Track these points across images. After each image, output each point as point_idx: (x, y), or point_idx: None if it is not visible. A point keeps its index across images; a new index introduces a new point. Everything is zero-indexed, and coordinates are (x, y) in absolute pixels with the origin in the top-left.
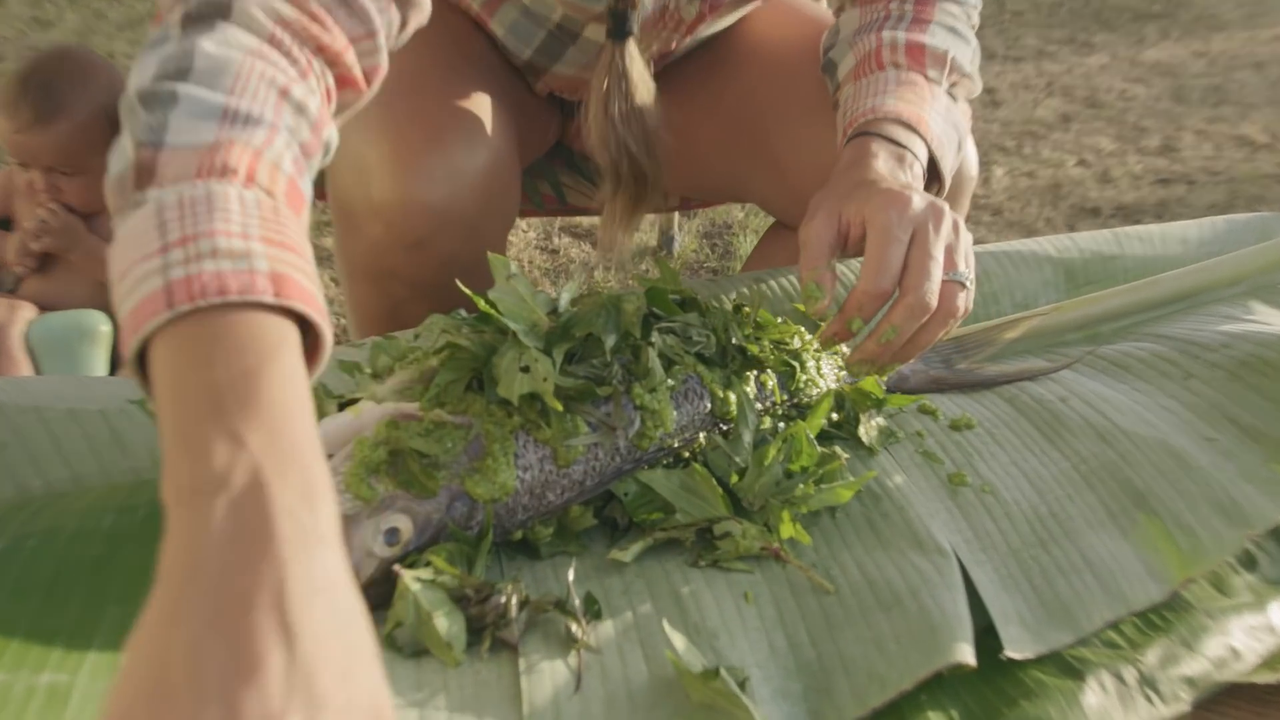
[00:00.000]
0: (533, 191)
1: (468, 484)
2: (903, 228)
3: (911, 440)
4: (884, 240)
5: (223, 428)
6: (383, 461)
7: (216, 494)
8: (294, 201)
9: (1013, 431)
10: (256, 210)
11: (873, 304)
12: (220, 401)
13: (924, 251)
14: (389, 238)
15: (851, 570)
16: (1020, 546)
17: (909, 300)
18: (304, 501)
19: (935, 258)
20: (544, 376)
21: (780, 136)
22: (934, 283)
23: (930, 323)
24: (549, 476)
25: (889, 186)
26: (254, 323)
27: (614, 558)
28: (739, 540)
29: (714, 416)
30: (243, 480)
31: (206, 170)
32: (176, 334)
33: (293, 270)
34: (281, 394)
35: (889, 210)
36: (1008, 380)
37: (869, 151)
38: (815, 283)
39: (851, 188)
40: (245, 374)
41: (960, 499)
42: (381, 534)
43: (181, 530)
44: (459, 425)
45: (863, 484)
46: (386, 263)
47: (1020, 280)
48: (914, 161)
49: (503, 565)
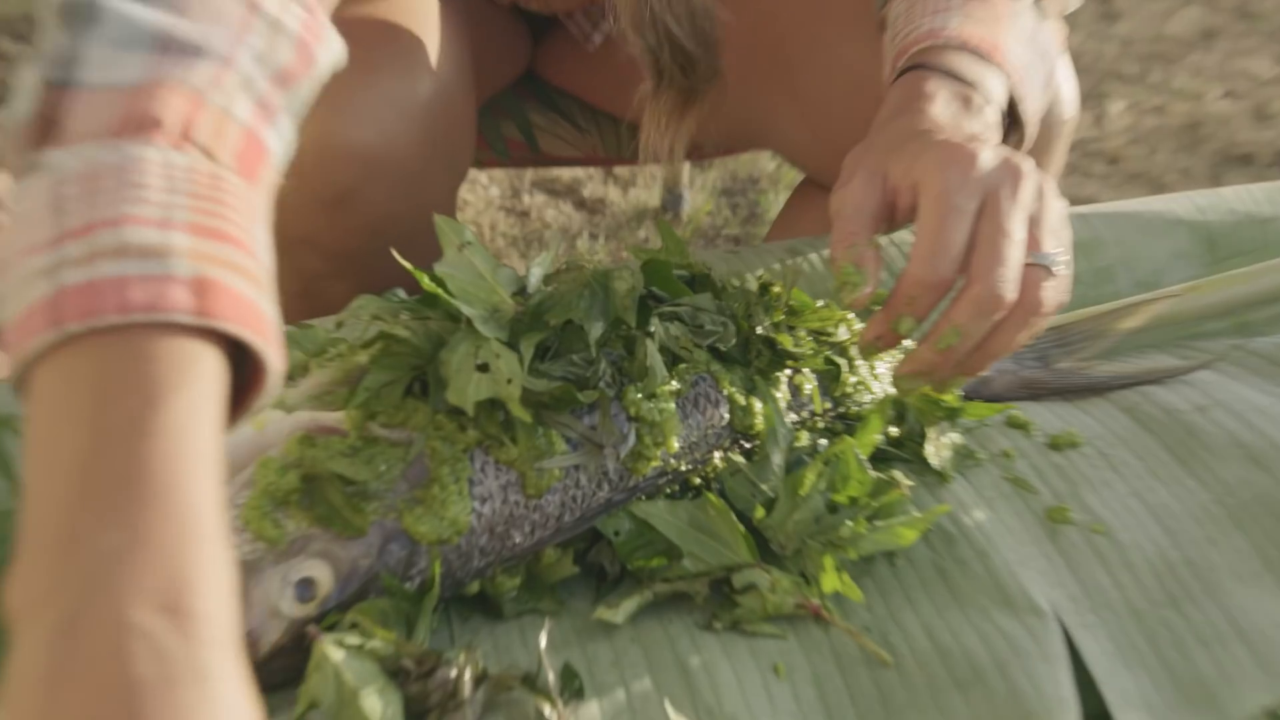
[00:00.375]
0: (494, 136)
1: (406, 520)
2: (967, 194)
3: (997, 463)
4: (941, 210)
5: (87, 511)
6: (294, 490)
7: (63, 610)
8: (249, 163)
9: (1133, 452)
10: (187, 184)
11: (927, 296)
12: (90, 469)
13: (996, 226)
14: (301, 193)
15: (917, 636)
16: (1145, 606)
17: (976, 291)
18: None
19: (1011, 234)
20: (508, 377)
21: (808, 66)
22: (1010, 267)
23: (1006, 322)
24: (515, 510)
25: (948, 139)
26: (157, 351)
27: (601, 618)
28: (767, 595)
29: (733, 430)
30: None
31: (125, 124)
32: (60, 361)
33: (226, 273)
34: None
35: (948, 170)
36: (1127, 384)
37: (923, 92)
38: (852, 265)
39: (900, 139)
40: (127, 427)
41: (1063, 541)
42: (291, 586)
43: (23, 654)
44: (395, 442)
45: (931, 521)
46: (298, 226)
47: (1144, 250)
48: (984, 104)
49: (453, 627)
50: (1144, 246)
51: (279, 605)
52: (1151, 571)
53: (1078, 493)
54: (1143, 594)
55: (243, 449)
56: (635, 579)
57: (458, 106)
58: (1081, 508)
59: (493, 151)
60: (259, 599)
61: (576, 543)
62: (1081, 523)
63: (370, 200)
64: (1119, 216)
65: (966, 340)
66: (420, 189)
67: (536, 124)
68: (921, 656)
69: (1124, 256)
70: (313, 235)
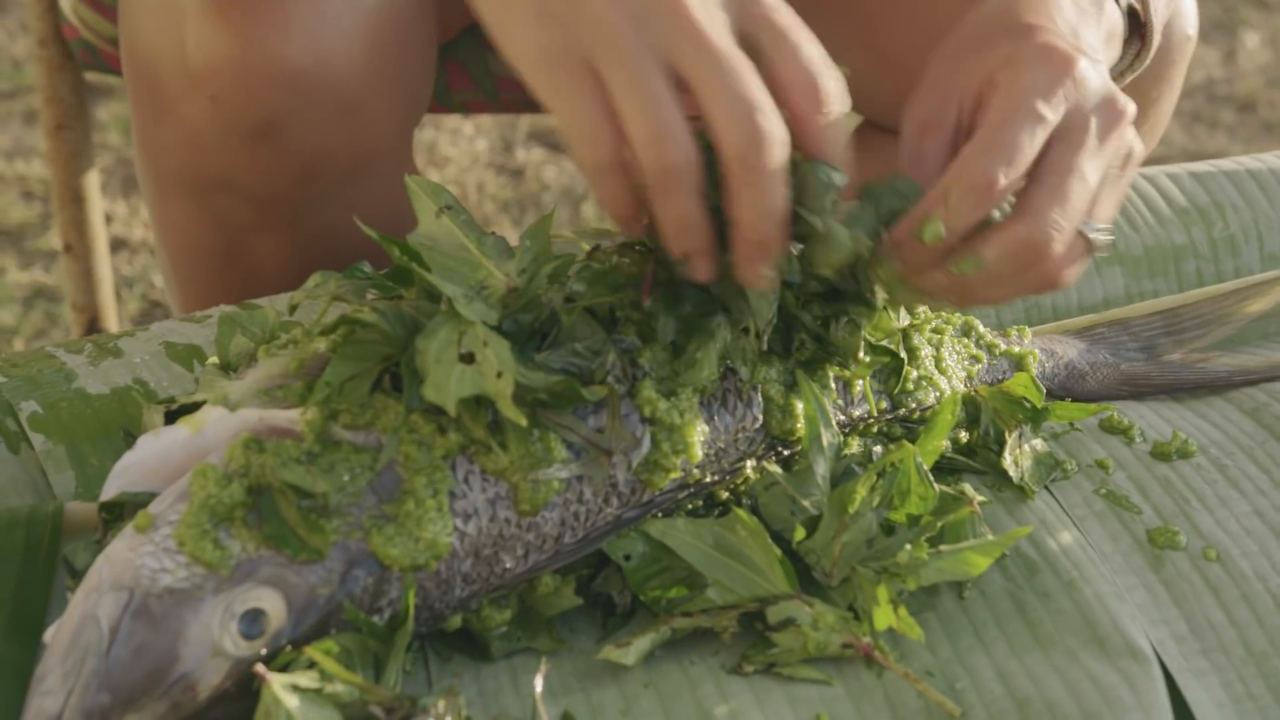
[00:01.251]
0: (480, 71)
1: (374, 540)
2: (1053, 101)
3: (1089, 475)
4: (1014, 105)
5: None
6: (239, 505)
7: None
8: None
9: (1256, 463)
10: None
11: (967, 201)
12: None
13: (1071, 158)
14: (217, 122)
15: (989, 683)
16: (1268, 649)
17: (1021, 230)
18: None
19: (1085, 176)
20: (498, 370)
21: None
22: (1069, 215)
23: (1031, 271)
24: (505, 529)
25: (1050, 41)
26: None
27: (608, 658)
28: (808, 632)
29: (769, 435)
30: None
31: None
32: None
33: None
34: None
35: (1036, 68)
36: (1250, 380)
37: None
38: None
39: (991, 33)
40: None
41: (1168, 570)
42: (236, 620)
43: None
44: (361, 447)
45: (1008, 545)
46: (214, 164)
47: (1278, 217)
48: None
49: (430, 669)
50: (1276, 213)
51: (221, 642)
52: (1276, 606)
53: (1188, 512)
54: (1264, 634)
55: (176, 455)
56: (649, 612)
57: (412, 20)
58: (1192, 529)
59: (480, 91)
60: (197, 635)
61: (579, 569)
62: (1192, 547)
63: (300, 132)
64: (1246, 176)
65: (985, 276)
66: (363, 122)
67: None
68: (995, 708)
69: (1252, 225)
70: (232, 174)
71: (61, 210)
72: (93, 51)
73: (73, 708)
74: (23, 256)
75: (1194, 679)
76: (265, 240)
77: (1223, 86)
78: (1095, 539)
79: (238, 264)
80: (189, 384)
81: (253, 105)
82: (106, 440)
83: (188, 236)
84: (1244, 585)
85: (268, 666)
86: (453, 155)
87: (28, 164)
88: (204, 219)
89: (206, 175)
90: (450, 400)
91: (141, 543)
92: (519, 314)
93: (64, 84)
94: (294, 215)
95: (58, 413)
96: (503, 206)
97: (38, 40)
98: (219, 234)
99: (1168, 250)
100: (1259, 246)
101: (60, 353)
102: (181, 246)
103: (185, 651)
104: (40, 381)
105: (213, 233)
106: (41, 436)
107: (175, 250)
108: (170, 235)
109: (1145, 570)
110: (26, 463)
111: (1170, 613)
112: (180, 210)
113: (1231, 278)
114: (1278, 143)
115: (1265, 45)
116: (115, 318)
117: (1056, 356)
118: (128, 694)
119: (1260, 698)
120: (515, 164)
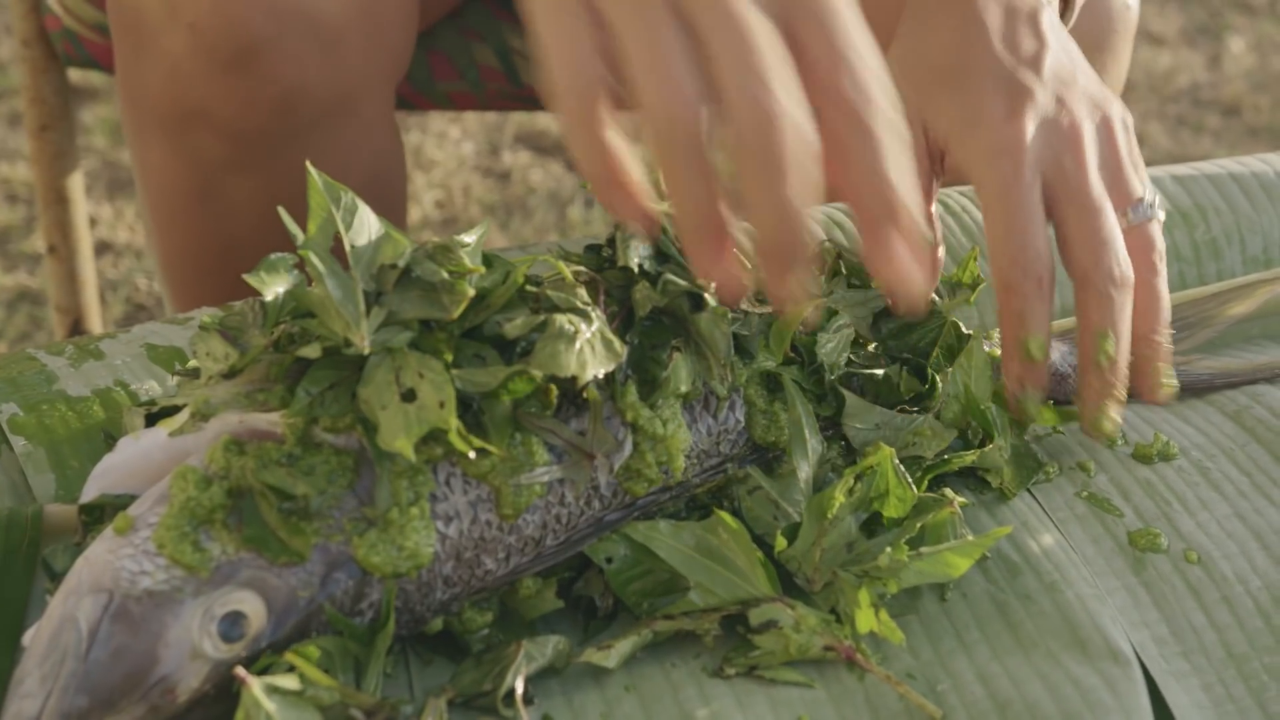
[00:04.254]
0: (465, 61)
1: (356, 545)
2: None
3: (1071, 477)
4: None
5: None
6: (219, 507)
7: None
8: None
9: (1238, 466)
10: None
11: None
12: None
13: (1079, 202)
14: (196, 51)
15: (970, 685)
16: (1248, 651)
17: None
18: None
19: (1098, 204)
20: (440, 400)
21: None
22: (1115, 244)
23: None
24: (486, 532)
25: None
26: None
27: (590, 660)
28: (790, 635)
29: (749, 438)
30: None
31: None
32: None
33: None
34: None
35: (998, 163)
36: (1232, 383)
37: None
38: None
39: (931, 81)
40: None
41: (1150, 573)
42: (215, 622)
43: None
44: (343, 450)
45: (989, 546)
46: (191, 96)
47: (1258, 221)
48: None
49: (411, 673)
50: (1258, 216)
51: (201, 645)
52: (1257, 609)
53: (1169, 515)
54: (1244, 636)
55: (156, 457)
56: (631, 615)
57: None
58: (1173, 532)
59: (464, 81)
60: (176, 638)
61: (561, 571)
62: (1173, 550)
63: (278, 63)
64: (1228, 179)
65: (1122, 345)
66: (342, 59)
67: (517, 50)
68: (976, 709)
69: (1235, 229)
70: (208, 106)
71: (45, 212)
72: (76, 42)
73: (51, 710)
74: (6, 259)
75: (1175, 681)
76: (241, 181)
77: (1208, 91)
78: (1077, 541)
79: (213, 205)
80: (171, 386)
81: (231, 33)
82: (87, 442)
83: (164, 176)
84: (1225, 588)
85: (248, 669)
86: (439, 158)
87: (11, 166)
88: (180, 157)
89: (184, 108)
90: (408, 447)
91: (121, 545)
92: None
93: (48, 85)
94: (270, 153)
95: (38, 415)
96: (489, 209)
97: (21, 41)
98: (195, 173)
99: None
100: (1241, 249)
101: (41, 355)
102: (159, 188)
103: (164, 654)
104: (20, 383)
105: (189, 172)
106: (21, 439)
107: (154, 195)
108: (149, 178)
109: (1126, 573)
110: (6, 465)
111: (1151, 615)
112: (158, 151)
113: (1214, 280)
114: (1263, 147)
115: (1250, 50)
116: (99, 321)
117: None
118: (106, 696)
119: (1241, 700)
120: (502, 167)
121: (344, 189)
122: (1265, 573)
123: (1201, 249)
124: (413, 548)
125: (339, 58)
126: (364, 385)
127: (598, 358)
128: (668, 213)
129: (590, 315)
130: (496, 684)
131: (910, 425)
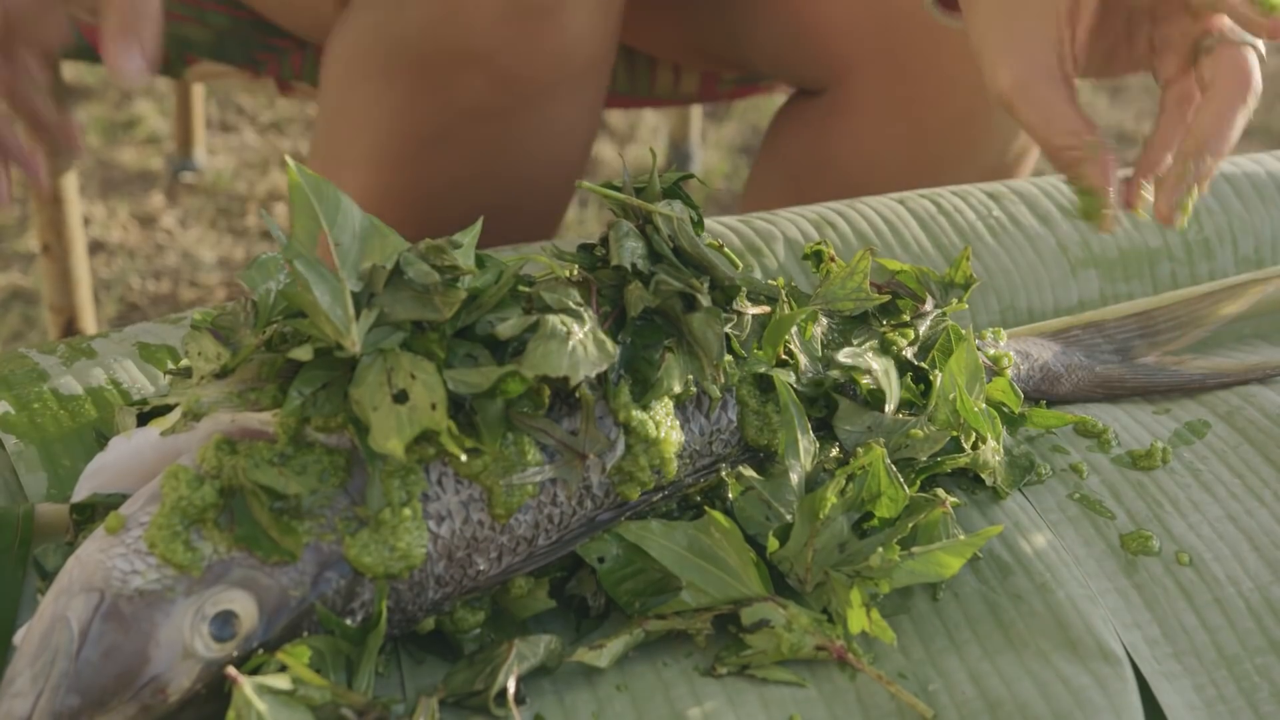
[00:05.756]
0: None
1: (348, 544)
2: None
3: (1063, 479)
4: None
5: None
6: (210, 506)
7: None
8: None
9: (1229, 468)
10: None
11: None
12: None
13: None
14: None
15: (962, 685)
16: (1240, 652)
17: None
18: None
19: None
20: (432, 402)
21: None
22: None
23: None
24: (478, 531)
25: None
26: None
27: (582, 660)
28: (782, 634)
29: (742, 439)
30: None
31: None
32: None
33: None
34: None
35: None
36: (1225, 383)
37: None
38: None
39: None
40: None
41: (1142, 574)
42: (207, 622)
43: None
44: (335, 449)
45: (980, 546)
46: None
47: (1250, 220)
48: None
49: (403, 672)
50: (1250, 216)
51: (192, 645)
52: (1249, 610)
53: (1161, 516)
54: (1236, 637)
55: (148, 456)
56: (623, 615)
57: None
58: (1165, 534)
59: None
60: (168, 637)
61: (553, 571)
62: (1165, 552)
63: (568, 16)
64: (1220, 180)
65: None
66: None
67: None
68: (967, 709)
69: (1227, 228)
70: (490, 50)
71: (39, 211)
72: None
73: (42, 709)
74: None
75: (1166, 682)
76: (489, 127)
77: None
78: (1069, 543)
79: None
80: (163, 385)
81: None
82: (79, 441)
83: (402, 119)
84: (1216, 589)
85: (239, 669)
86: None
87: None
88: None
89: (456, 50)
90: (399, 449)
91: (112, 544)
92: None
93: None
94: (525, 102)
95: (30, 413)
96: None
97: None
98: (442, 115)
99: (1143, 253)
100: (1233, 249)
101: (33, 353)
102: (391, 131)
103: (156, 653)
104: (12, 382)
105: (436, 115)
106: (13, 437)
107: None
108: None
109: (1118, 574)
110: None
111: (1143, 616)
112: (402, 92)
113: (1206, 280)
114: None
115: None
116: (93, 320)
117: (1031, 359)
118: (98, 696)
119: (1232, 700)
120: None
121: (327, 183)
122: (1257, 574)
123: (1194, 248)
124: (405, 548)
125: (606, 19)
126: (356, 386)
127: (590, 358)
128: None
129: (583, 315)
130: (488, 683)
131: (902, 428)
